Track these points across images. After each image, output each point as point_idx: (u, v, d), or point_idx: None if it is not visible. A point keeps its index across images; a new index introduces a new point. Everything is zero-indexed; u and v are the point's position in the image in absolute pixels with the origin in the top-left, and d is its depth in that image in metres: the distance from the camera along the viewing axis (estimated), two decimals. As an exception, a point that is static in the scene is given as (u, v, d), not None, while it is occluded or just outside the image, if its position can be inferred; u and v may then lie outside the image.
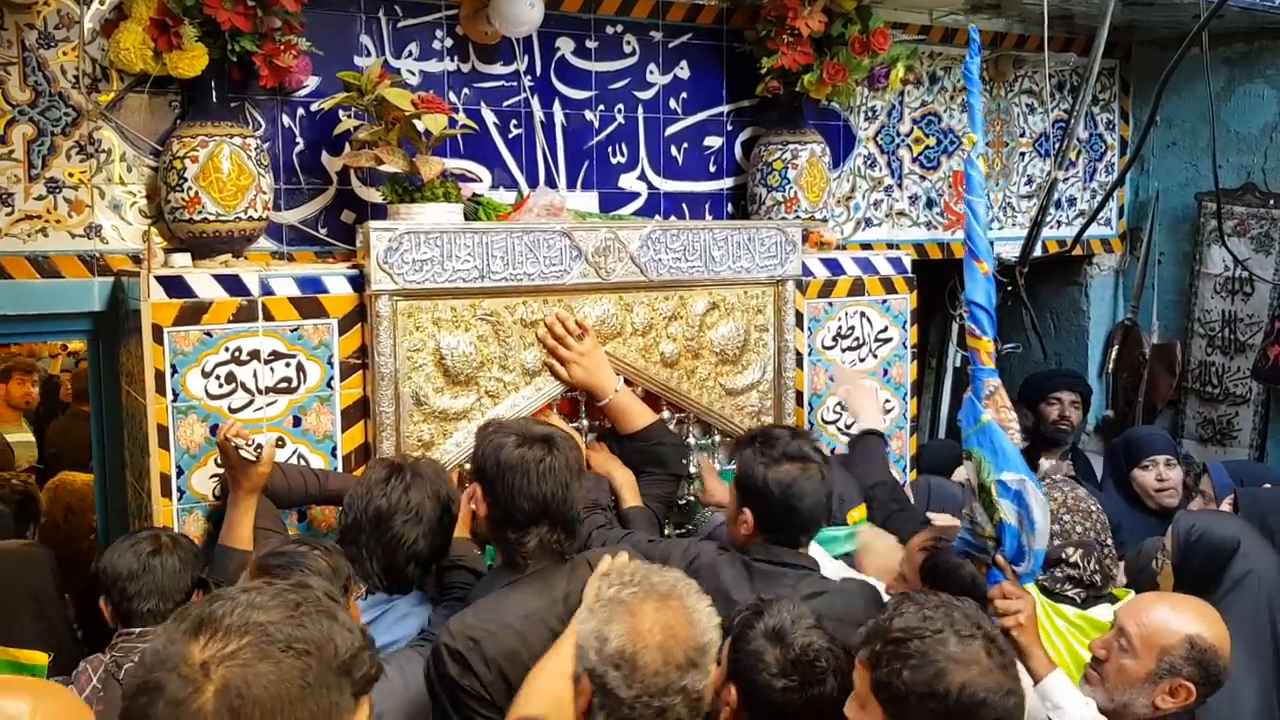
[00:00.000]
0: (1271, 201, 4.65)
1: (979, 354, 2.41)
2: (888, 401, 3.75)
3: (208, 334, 2.72)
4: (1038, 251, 4.53)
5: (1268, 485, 3.63)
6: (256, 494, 2.65)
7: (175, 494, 2.71)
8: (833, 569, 2.68)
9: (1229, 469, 3.72)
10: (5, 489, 3.71)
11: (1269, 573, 2.80)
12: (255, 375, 2.78)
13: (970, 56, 2.50)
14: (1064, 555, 2.76)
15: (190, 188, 2.86)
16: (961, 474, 4.29)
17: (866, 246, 4.19)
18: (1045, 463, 4.62)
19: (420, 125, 3.03)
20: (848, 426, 3.65)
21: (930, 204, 4.47)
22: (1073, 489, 2.93)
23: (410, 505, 2.49)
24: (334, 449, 2.89)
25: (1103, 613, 2.65)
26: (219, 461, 2.72)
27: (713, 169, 3.91)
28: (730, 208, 3.95)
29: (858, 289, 3.66)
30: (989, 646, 1.85)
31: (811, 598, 2.35)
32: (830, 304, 3.61)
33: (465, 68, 3.45)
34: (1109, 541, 2.84)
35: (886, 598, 2.54)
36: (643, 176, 3.76)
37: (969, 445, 2.39)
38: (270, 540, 2.45)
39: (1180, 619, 2.26)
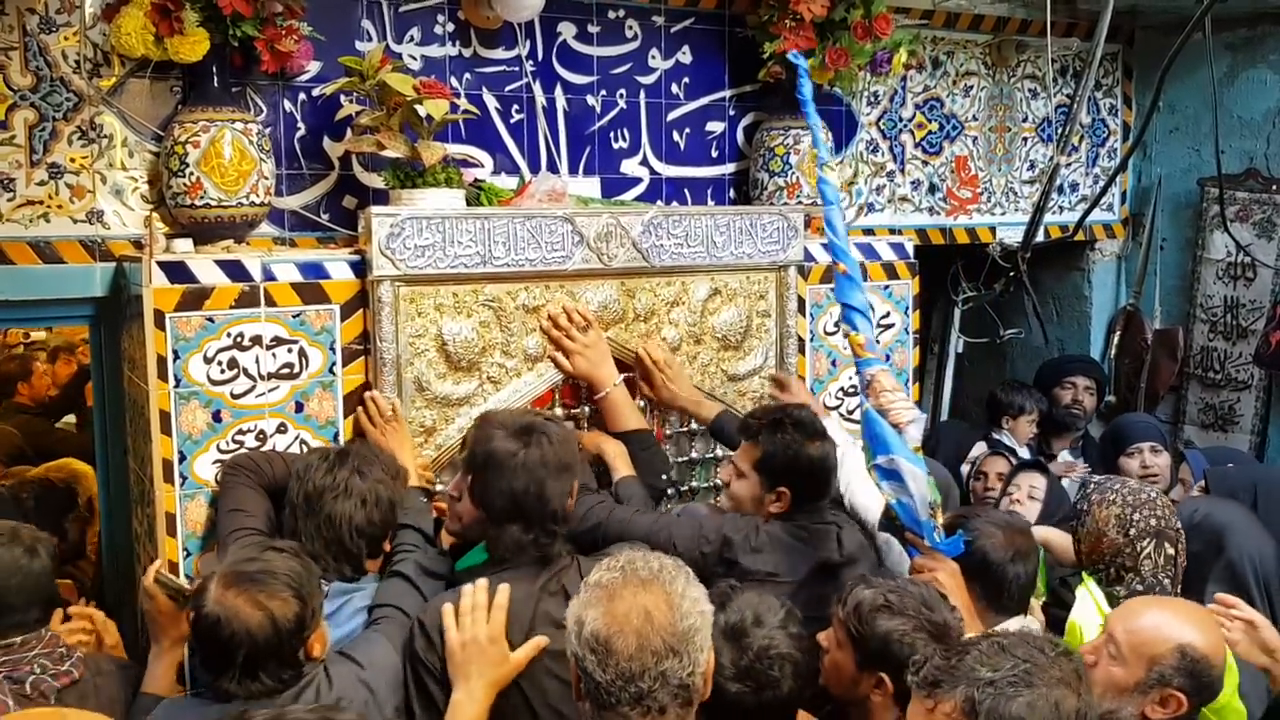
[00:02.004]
0: (1274, 187, 4.64)
1: (855, 349, 2.61)
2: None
3: (210, 319, 2.72)
4: (1040, 237, 4.52)
5: (1231, 465, 3.67)
6: (184, 642, 2.43)
7: (178, 479, 2.72)
8: None
9: (1207, 455, 3.75)
10: (42, 482, 3.69)
11: (1262, 554, 2.90)
12: (257, 361, 2.78)
13: (800, 81, 2.81)
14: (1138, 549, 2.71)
15: (192, 173, 2.86)
16: (977, 451, 4.35)
17: (869, 232, 4.18)
18: (1060, 451, 4.62)
19: (422, 110, 3.02)
20: (850, 412, 3.65)
21: (933, 189, 4.46)
22: (1123, 484, 2.87)
23: (337, 482, 2.48)
24: (336, 435, 2.89)
25: None
26: (158, 588, 2.40)
27: (715, 154, 3.90)
28: (732, 193, 3.94)
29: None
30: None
31: None
32: (833, 289, 3.59)
33: (467, 52, 3.44)
34: (1178, 525, 2.76)
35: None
36: (645, 162, 3.76)
37: (863, 438, 2.57)
38: (244, 541, 2.36)
39: (1172, 627, 2.16)
